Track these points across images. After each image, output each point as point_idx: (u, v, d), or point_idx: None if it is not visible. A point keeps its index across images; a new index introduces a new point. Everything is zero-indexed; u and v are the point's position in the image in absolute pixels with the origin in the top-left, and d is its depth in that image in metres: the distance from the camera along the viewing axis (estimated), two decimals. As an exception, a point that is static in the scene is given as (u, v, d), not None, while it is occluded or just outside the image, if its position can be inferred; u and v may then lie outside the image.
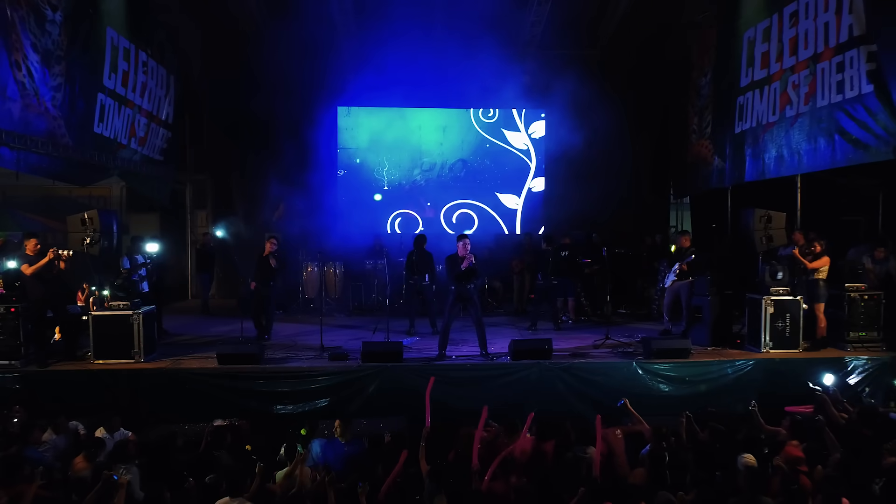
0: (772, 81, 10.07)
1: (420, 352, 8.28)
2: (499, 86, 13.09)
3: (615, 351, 8.16)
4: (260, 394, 7.30)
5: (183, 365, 7.53)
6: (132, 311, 7.53)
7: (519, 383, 7.49)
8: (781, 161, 9.86)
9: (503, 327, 10.15)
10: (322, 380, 7.35)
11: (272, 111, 13.26)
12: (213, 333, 9.59)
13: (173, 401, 7.22)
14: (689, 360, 7.73)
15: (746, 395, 7.51)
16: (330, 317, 11.13)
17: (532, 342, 7.91)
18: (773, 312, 7.95)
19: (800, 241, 8.88)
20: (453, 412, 7.17)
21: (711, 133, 12.22)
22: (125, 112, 10.83)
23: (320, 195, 13.58)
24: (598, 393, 7.48)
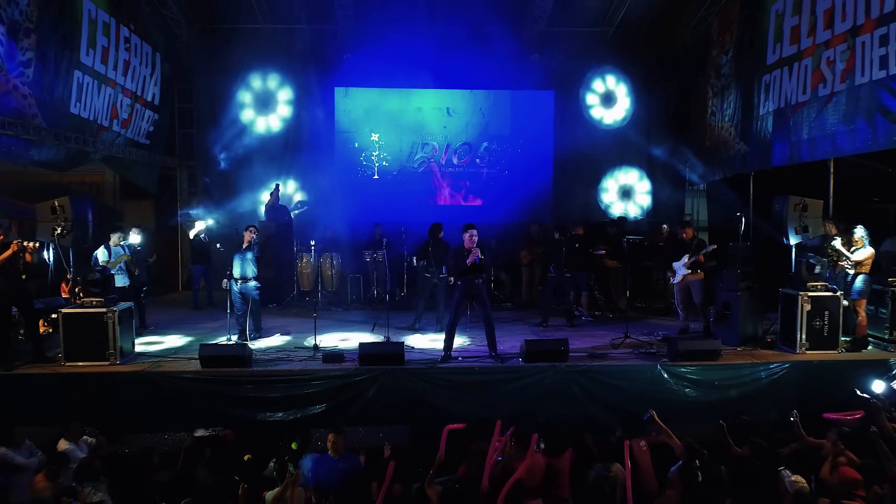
0: (802, 58, 9.29)
1: (423, 353, 7.60)
2: (505, 65, 12.31)
3: (636, 351, 7.47)
4: (247, 400, 6.64)
5: (162, 368, 6.85)
6: (106, 309, 6.84)
7: (531, 388, 6.82)
8: (813, 144, 9.11)
9: (512, 323, 9.48)
10: (315, 384, 6.68)
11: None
12: (201, 330, 8.91)
13: (151, 408, 6.57)
14: (719, 362, 7.04)
15: (781, 400, 6.89)
16: (327, 311, 10.49)
17: (546, 343, 7.22)
18: (810, 310, 7.25)
19: (832, 231, 8.16)
20: (460, 420, 6.52)
21: (733, 115, 11.44)
22: (106, 91, 10.09)
23: (316, 180, 12.90)
24: (618, 399, 6.82)
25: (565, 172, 13.31)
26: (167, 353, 7.44)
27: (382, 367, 6.75)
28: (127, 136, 11.11)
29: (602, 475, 5.29)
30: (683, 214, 13.78)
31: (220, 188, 12.81)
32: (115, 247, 8.04)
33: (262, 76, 12.94)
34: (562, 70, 13.00)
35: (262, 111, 13.03)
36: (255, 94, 12.98)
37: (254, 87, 12.96)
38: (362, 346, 6.86)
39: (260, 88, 12.99)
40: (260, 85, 12.98)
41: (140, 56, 11.22)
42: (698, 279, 8.30)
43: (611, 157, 13.51)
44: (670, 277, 8.51)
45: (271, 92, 13.01)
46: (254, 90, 12.96)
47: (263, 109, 13.04)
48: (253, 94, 12.98)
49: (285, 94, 13.00)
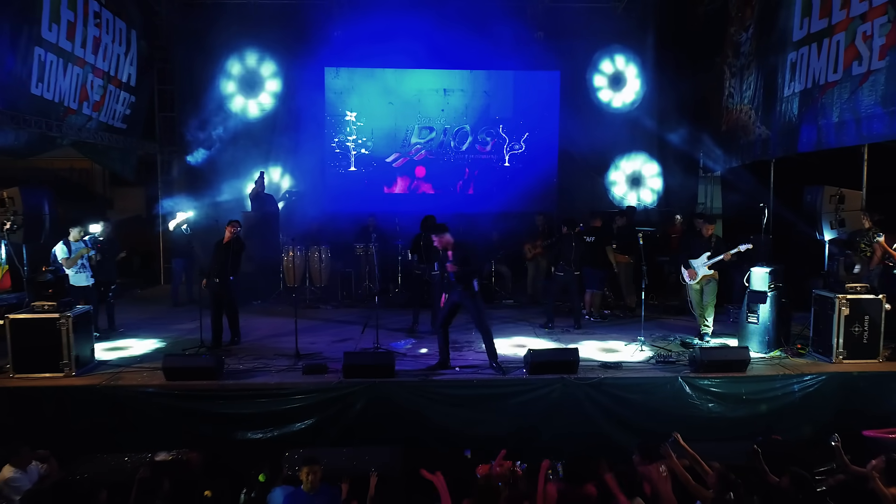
0: (834, 33, 8.42)
1: (417, 360, 6.86)
2: (507, 44, 11.45)
3: (653, 361, 6.71)
4: (217, 417, 5.91)
5: (123, 381, 6.11)
6: (59, 314, 6.09)
7: (537, 403, 6.08)
8: (844, 128, 8.28)
9: (515, 324, 8.72)
10: (294, 400, 5.94)
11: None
12: (176, 332, 8.17)
13: (109, 426, 5.83)
14: (747, 374, 6.30)
15: (816, 416, 6.20)
16: (314, 309, 9.75)
17: (554, 352, 6.47)
18: (848, 314, 6.48)
19: (866, 224, 7.39)
20: (457, 439, 5.83)
21: (753, 97, 10.58)
22: (73, 71, 9.25)
23: (305, 167, 12.11)
24: (635, 415, 6.10)
25: (571, 159, 12.52)
26: (131, 362, 6.69)
27: (370, 379, 6.01)
28: (100, 119, 10.29)
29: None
30: (696, 203, 13.01)
31: (203, 176, 12.00)
32: (76, 242, 7.27)
33: (247, 55, 12.10)
34: (568, 49, 12.17)
35: (248, 93, 12.22)
36: (240, 75, 12.15)
37: (239, 67, 12.13)
38: (348, 356, 6.11)
39: (245, 69, 12.16)
40: (245, 65, 12.15)
41: (112, 33, 10.35)
42: (714, 278, 7.56)
43: (619, 143, 12.71)
44: (686, 277, 7.72)
45: (257, 72, 12.18)
46: (239, 70, 12.13)
47: (249, 91, 12.22)
48: (238, 75, 12.14)
49: (272, 75, 12.17)
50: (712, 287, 7.59)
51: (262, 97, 12.19)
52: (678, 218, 10.81)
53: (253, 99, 12.20)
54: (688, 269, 7.70)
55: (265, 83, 12.18)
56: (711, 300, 7.60)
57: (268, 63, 12.12)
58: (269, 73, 12.16)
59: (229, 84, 12.08)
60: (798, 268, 8.56)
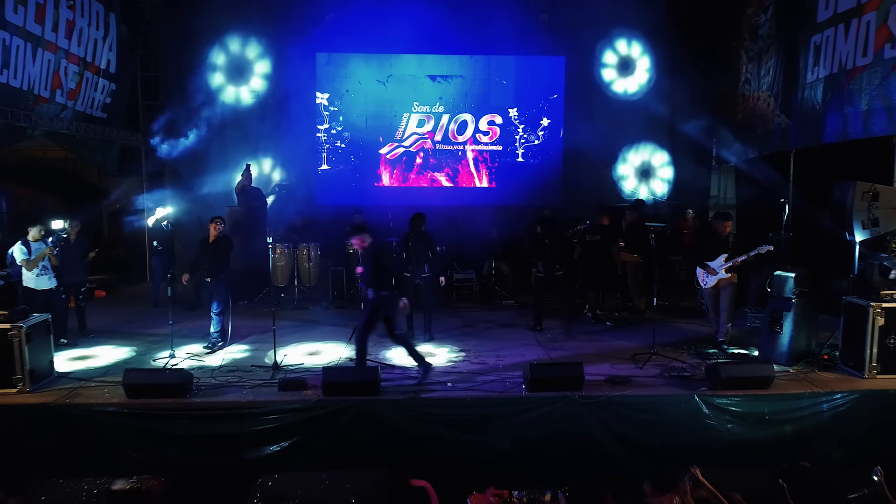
0: (864, 13, 7.72)
1: (405, 373, 6.28)
2: (509, 27, 10.77)
3: (666, 375, 6.11)
4: (184, 439, 5.35)
5: (81, 398, 5.55)
6: (11, 325, 5.53)
7: (538, 424, 5.49)
8: (873, 116, 7.61)
9: (514, 329, 8.14)
10: (269, 420, 5.38)
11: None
12: (151, 337, 7.61)
13: (65, 449, 5.29)
14: (770, 391, 5.69)
15: (848, 439, 5.58)
16: (303, 311, 9.18)
17: (556, 367, 5.87)
18: (883, 325, 5.85)
19: (897, 222, 6.73)
20: (450, 463, 5.28)
21: (772, 83, 9.88)
22: (44, 57, 8.64)
23: (296, 158, 11.49)
24: (647, 437, 5.52)
25: (577, 149, 11.83)
26: (95, 374, 6.13)
27: (352, 397, 5.44)
28: (76, 108, 9.68)
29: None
30: (709, 196, 12.35)
31: (189, 167, 11.41)
32: (36, 242, 6.70)
33: (235, 41, 11.48)
34: (573, 33, 11.45)
35: (236, 81, 11.62)
36: (227, 62, 11.52)
37: (226, 53, 11.49)
38: (327, 372, 5.53)
39: (233, 55, 11.54)
40: (232, 51, 11.52)
41: (88, 16, 9.70)
42: (732, 282, 6.93)
43: (628, 133, 12.04)
44: (702, 280, 7.10)
45: (245, 58, 11.57)
46: (226, 57, 11.50)
47: (237, 79, 11.62)
48: (225, 62, 11.51)
49: (261, 60, 11.54)
50: (731, 291, 6.99)
51: (251, 84, 11.60)
52: (690, 212, 10.17)
53: (241, 86, 11.61)
54: (703, 271, 7.08)
55: (254, 70, 11.59)
56: (729, 305, 7.00)
57: (256, 48, 11.52)
58: (258, 59, 11.55)
59: (216, 71, 11.48)
60: (821, 268, 7.94)
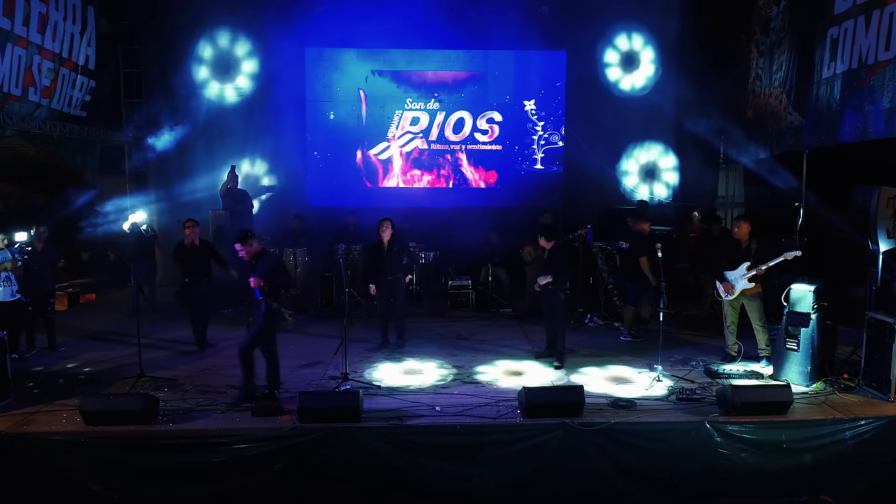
0: (887, 3, 7.24)
1: (393, 394, 5.81)
2: (508, 20, 10.29)
3: (674, 398, 5.62)
4: (147, 470, 4.89)
5: (36, 424, 5.09)
6: (-39, 344, 5.08)
7: (534, 453, 5.01)
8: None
9: (510, 342, 7.68)
10: (239, 449, 4.92)
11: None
12: (124, 350, 7.16)
13: (18, 482, 4.84)
14: (788, 417, 5.21)
15: (872, 470, 5.08)
16: (289, 320, 8.70)
17: (554, 391, 5.42)
18: (911, 344, 5.37)
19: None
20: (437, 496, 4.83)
21: (785, 79, 9.37)
22: (13, 53, 8.17)
23: (284, 159, 11.03)
24: (653, 468, 5.04)
25: (578, 147, 11.34)
26: (54, 396, 5.67)
27: (331, 424, 4.97)
28: (52, 106, 9.22)
29: None
30: (716, 197, 11.86)
31: (175, 167, 10.97)
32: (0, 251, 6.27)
33: (221, 36, 11.03)
34: (575, 26, 10.99)
35: (223, 77, 11.18)
36: (213, 57, 11.07)
37: (212, 48, 11.04)
38: (303, 398, 5.05)
39: (219, 50, 11.09)
40: (219, 46, 11.08)
41: (64, 9, 9.23)
42: (757, 292, 6.43)
43: (632, 131, 11.55)
44: (721, 292, 6.60)
45: (233, 54, 11.15)
46: (212, 52, 11.05)
47: (224, 75, 11.19)
48: (211, 57, 11.05)
49: (249, 56, 11.08)
50: (757, 304, 6.48)
51: (238, 81, 11.16)
52: (696, 215, 9.69)
53: (228, 84, 11.18)
54: (723, 282, 6.56)
55: (241, 66, 11.17)
56: (758, 318, 6.48)
57: (243, 44, 11.10)
58: (245, 55, 11.10)
59: (202, 67, 11.02)
60: (839, 276, 7.47)
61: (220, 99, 11.13)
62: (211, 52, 11.06)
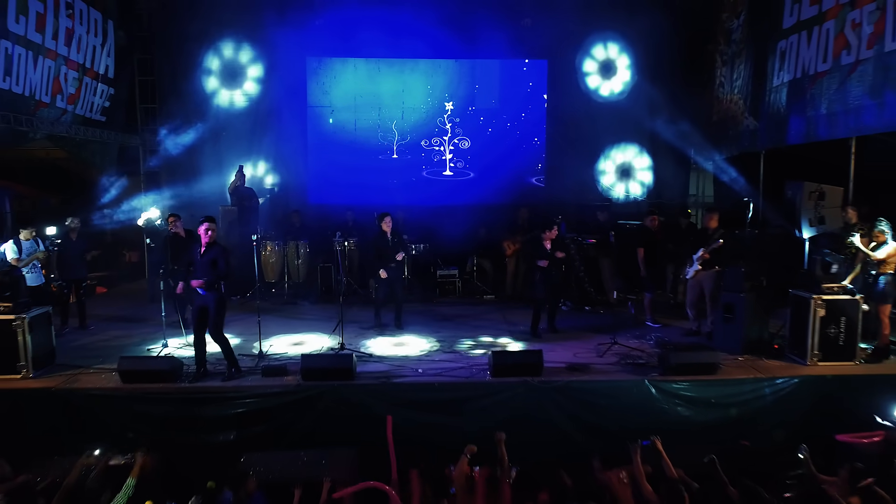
0: (825, 20, 8.14)
1: (382, 361, 6.74)
2: (493, 31, 11.19)
3: (623, 362, 6.55)
4: (174, 421, 5.81)
5: (80, 383, 6.02)
6: (15, 316, 6.00)
7: (501, 407, 5.94)
8: (833, 120, 8.03)
9: (489, 321, 8.58)
10: (251, 403, 5.84)
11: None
12: (148, 328, 8.08)
13: (66, 429, 5.75)
14: (718, 376, 6.12)
15: (789, 421, 6.01)
16: (291, 305, 9.64)
17: (518, 354, 6.33)
18: (824, 315, 6.28)
19: (853, 218, 7.15)
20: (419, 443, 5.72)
21: (743, 87, 10.30)
22: (44, 63, 9.08)
23: (287, 160, 11.94)
24: (601, 420, 5.95)
25: (559, 149, 12.24)
26: (91, 363, 6.60)
27: (329, 382, 5.89)
28: (76, 112, 10.14)
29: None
30: (688, 195, 12.76)
31: (185, 168, 11.85)
32: (27, 241, 7.16)
33: (228, 46, 11.92)
34: (555, 37, 11.85)
35: (230, 84, 12.05)
36: (221, 66, 11.96)
37: (219, 58, 11.94)
38: (305, 358, 5.99)
39: (226, 59, 11.98)
40: (226, 56, 11.96)
41: (87, 23, 10.15)
42: (710, 272, 7.34)
43: (609, 133, 12.41)
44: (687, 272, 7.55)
45: (238, 63, 11.99)
46: (219, 61, 11.95)
47: (231, 82, 12.06)
48: (219, 66, 11.96)
49: (254, 66, 12.00)
50: (710, 284, 7.36)
51: (244, 88, 12.02)
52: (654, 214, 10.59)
53: (235, 90, 12.03)
54: (690, 265, 7.53)
55: (246, 74, 12.02)
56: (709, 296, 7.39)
57: (248, 53, 11.95)
58: (250, 63, 11.98)
59: (210, 75, 11.92)
60: (784, 263, 8.35)
61: (228, 104, 11.96)
62: (219, 61, 11.90)
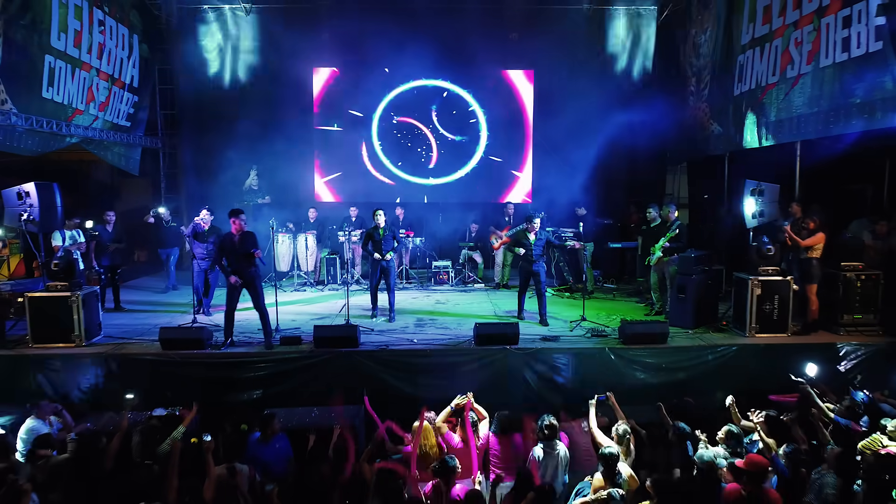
0: (773, 38, 9.22)
1: (382, 334, 7.80)
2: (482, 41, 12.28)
3: (588, 335, 7.62)
4: (207, 381, 6.87)
5: (125, 350, 7.09)
6: (71, 293, 7.06)
7: (483, 370, 7.00)
8: (781, 126, 9.10)
9: (477, 305, 9.63)
10: (272, 366, 6.90)
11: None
12: (172, 310, 9.13)
13: (114, 388, 6.80)
14: (668, 345, 7.19)
15: (728, 382, 7.00)
16: (300, 292, 10.70)
17: (498, 325, 7.39)
18: (760, 294, 7.35)
19: (797, 213, 8.22)
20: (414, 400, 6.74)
21: (709, 96, 11.37)
22: (80, 75, 10.17)
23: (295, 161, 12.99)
24: (568, 381, 7.00)
25: (546, 152, 13.27)
26: (132, 335, 7.66)
27: (338, 349, 6.95)
28: (105, 118, 11.21)
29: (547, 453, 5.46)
30: (665, 194, 13.80)
31: (202, 170, 12.89)
32: (69, 231, 8.24)
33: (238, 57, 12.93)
34: (542, 48, 12.85)
35: (242, 93, 13.01)
36: (234, 74, 12.97)
37: (232, 67, 12.95)
38: (317, 329, 7.05)
39: (238, 67, 12.97)
40: (239, 64, 12.98)
41: (116, 38, 11.25)
42: (669, 259, 8.40)
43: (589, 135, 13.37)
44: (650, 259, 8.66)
45: (250, 73, 12.99)
46: (232, 70, 12.96)
47: (242, 91, 13.03)
48: (230, 76, 12.96)
49: (264, 76, 12.97)
50: (669, 269, 8.41)
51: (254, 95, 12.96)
52: (632, 208, 11.65)
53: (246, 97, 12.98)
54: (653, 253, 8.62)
55: (257, 83, 12.96)
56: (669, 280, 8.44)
57: (259, 64, 12.92)
58: (261, 73, 12.95)
59: (224, 84, 12.93)
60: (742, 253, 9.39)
61: (241, 110, 13.01)
62: (231, 70, 13.01)
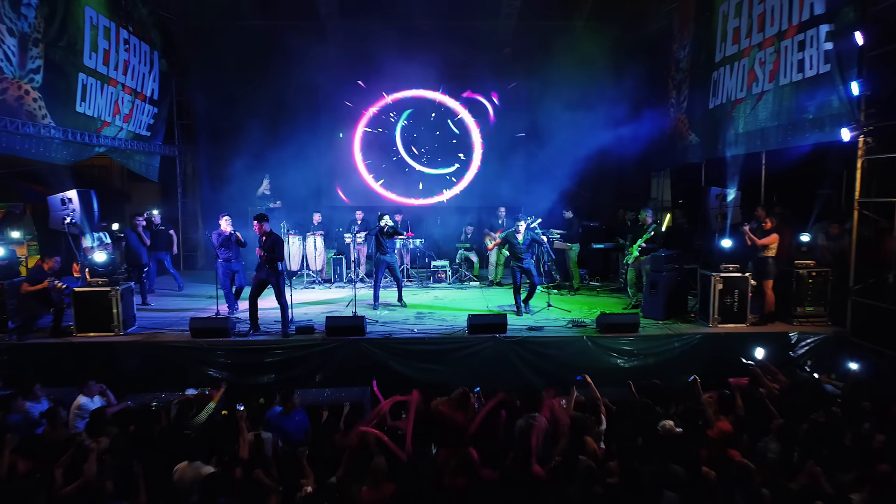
0: (742, 57, 10.13)
1: (386, 324, 8.70)
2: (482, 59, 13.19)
3: (569, 325, 8.52)
4: (230, 366, 7.77)
5: (159, 338, 8.00)
6: (111, 288, 7.98)
7: (475, 357, 7.89)
8: (748, 138, 9.98)
9: (471, 301, 10.52)
10: (289, 352, 7.80)
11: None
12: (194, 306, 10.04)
13: (149, 372, 7.71)
14: (639, 334, 8.08)
15: (693, 367, 7.82)
16: (309, 290, 11.60)
17: (488, 317, 8.28)
18: (721, 288, 8.25)
19: (762, 216, 9.11)
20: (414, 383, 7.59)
21: (687, 108, 12.28)
22: (108, 90, 11.10)
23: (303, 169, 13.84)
24: (550, 366, 7.88)
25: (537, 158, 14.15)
26: (163, 325, 8.59)
27: (346, 337, 7.85)
28: (129, 129, 12.13)
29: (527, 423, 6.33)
30: (649, 198, 14.70)
31: (216, 176, 13.81)
32: (98, 233, 9.18)
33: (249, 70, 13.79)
34: (535, 62, 13.76)
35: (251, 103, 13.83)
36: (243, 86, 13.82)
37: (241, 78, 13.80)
38: (328, 320, 7.96)
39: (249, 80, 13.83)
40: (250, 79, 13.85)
41: (139, 55, 12.18)
42: (645, 258, 9.30)
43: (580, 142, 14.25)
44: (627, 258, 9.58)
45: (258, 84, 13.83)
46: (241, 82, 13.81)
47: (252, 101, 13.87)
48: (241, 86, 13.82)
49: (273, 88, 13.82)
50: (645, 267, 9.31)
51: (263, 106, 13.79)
52: (620, 211, 12.54)
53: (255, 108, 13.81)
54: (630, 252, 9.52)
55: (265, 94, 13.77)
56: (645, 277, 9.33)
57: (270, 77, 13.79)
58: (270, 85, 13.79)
59: (236, 96, 13.80)
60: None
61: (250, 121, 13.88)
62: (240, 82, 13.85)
